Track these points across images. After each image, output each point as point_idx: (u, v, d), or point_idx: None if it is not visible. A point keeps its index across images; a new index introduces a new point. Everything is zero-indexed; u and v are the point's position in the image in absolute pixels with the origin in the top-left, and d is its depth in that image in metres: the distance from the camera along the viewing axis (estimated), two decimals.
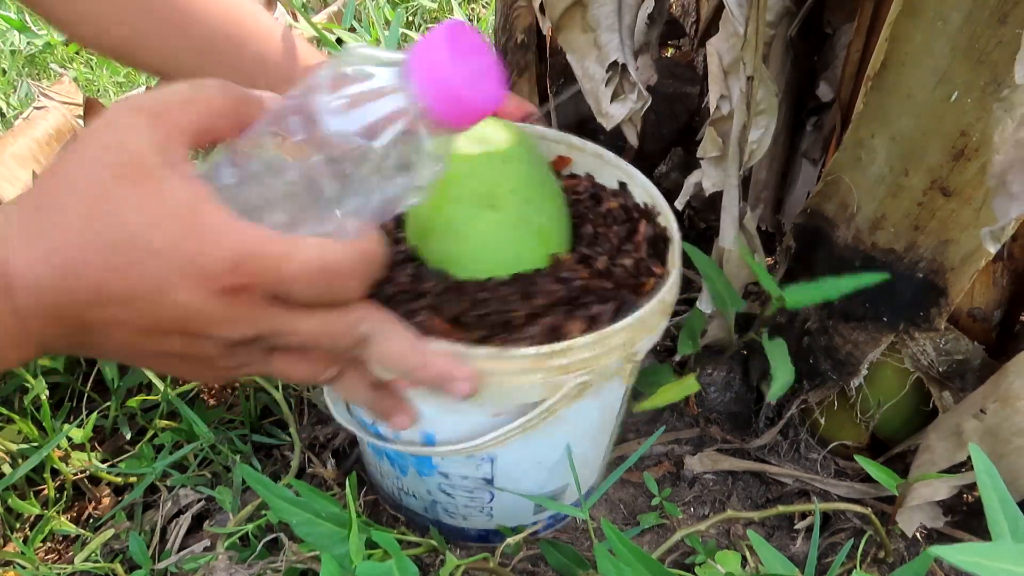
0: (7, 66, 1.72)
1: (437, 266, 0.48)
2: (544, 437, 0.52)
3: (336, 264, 0.34)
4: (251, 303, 0.33)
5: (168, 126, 0.32)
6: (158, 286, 0.31)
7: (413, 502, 0.61)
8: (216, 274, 0.31)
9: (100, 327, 0.32)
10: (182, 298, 0.31)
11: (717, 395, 0.75)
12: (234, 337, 0.34)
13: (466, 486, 0.56)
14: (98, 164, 0.31)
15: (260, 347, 0.36)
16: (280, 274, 0.32)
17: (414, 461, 0.55)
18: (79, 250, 0.30)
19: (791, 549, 0.65)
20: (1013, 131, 0.48)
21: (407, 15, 1.82)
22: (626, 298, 0.48)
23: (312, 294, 0.34)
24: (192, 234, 0.31)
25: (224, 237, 0.31)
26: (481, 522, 0.61)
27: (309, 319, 0.35)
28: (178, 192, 0.31)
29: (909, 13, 0.49)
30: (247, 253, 0.31)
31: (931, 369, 0.61)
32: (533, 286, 0.47)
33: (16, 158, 0.89)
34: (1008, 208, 0.50)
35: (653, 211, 0.55)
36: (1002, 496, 0.34)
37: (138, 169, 0.31)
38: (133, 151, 0.31)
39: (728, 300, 0.60)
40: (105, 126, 0.32)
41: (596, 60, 0.67)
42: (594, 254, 0.50)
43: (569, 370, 0.44)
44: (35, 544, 0.63)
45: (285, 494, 0.49)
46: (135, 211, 0.30)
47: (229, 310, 0.32)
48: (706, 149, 0.64)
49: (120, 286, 0.31)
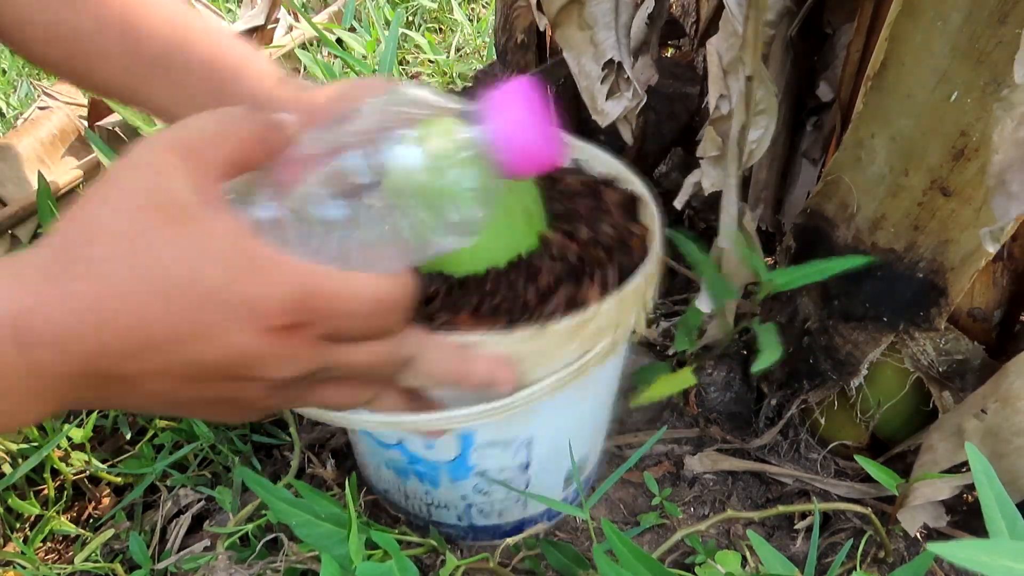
0: (7, 66, 1.72)
1: (432, 270, 0.49)
2: (576, 400, 0.54)
3: (388, 297, 0.33)
4: (304, 341, 0.32)
5: (202, 164, 0.31)
6: (207, 329, 0.30)
7: (445, 514, 0.61)
8: (271, 313, 0.30)
9: (134, 378, 0.30)
10: (233, 339, 0.30)
11: (717, 395, 0.75)
12: (284, 376, 0.33)
13: (503, 478, 0.57)
14: (131, 208, 0.29)
15: (307, 382, 0.35)
16: (336, 310, 0.32)
17: (449, 468, 0.55)
18: (116, 300, 0.29)
19: (791, 549, 0.65)
20: (1012, 131, 0.48)
21: (407, 15, 1.82)
22: (621, 258, 0.50)
23: (364, 327, 0.34)
24: (243, 273, 0.30)
25: (277, 274, 0.30)
26: (516, 513, 0.62)
27: (359, 351, 0.35)
28: (222, 231, 0.30)
29: (909, 13, 0.49)
30: (302, 290, 0.31)
31: (931, 369, 0.61)
32: (533, 268, 0.49)
33: (21, 159, 0.89)
34: (1007, 208, 0.50)
35: (612, 178, 0.58)
36: (999, 496, 0.34)
37: (177, 211, 0.30)
38: (169, 192, 0.30)
39: (719, 288, 0.61)
40: (134, 167, 0.31)
41: (592, 58, 0.68)
42: (573, 228, 0.53)
43: (599, 333, 0.46)
44: (35, 544, 0.63)
45: (285, 495, 0.49)
46: (178, 255, 0.29)
47: (281, 349, 0.31)
48: (705, 149, 0.64)
49: (164, 334, 0.29)
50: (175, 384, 0.31)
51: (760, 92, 0.57)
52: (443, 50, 1.62)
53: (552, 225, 0.53)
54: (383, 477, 0.61)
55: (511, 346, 0.44)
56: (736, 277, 0.66)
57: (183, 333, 0.29)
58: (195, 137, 0.32)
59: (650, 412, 0.76)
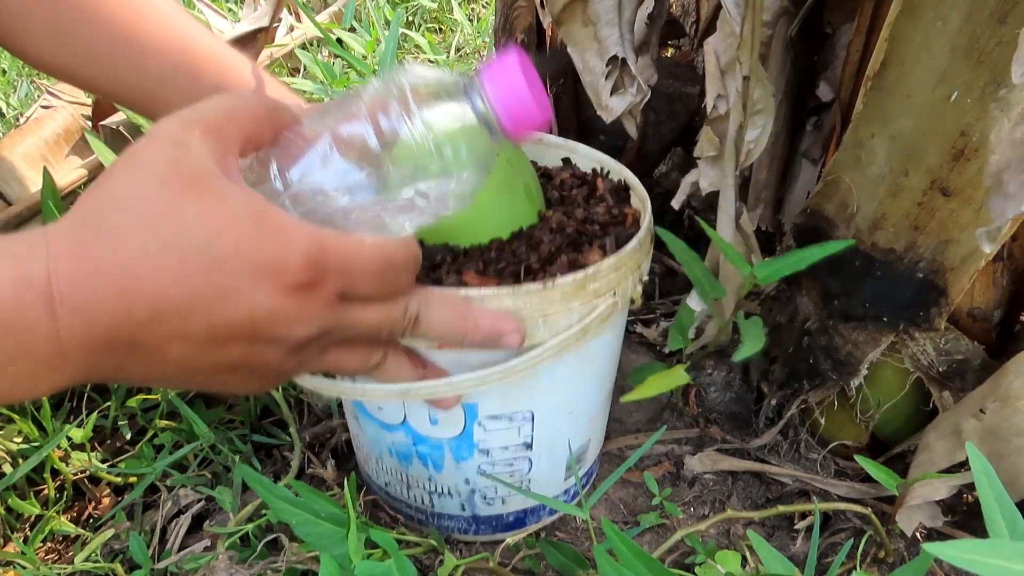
0: (7, 66, 1.72)
1: (438, 242, 0.50)
2: (575, 373, 0.55)
3: (396, 257, 0.35)
4: (321, 298, 0.33)
5: (220, 138, 0.33)
6: (229, 290, 0.31)
7: (448, 502, 0.61)
8: (290, 270, 0.31)
9: (155, 345, 0.31)
10: (254, 299, 0.31)
11: (717, 395, 0.75)
12: (301, 336, 0.34)
13: (506, 458, 0.57)
14: (154, 178, 0.31)
15: (320, 344, 0.36)
16: (350, 267, 0.33)
17: (453, 446, 0.56)
18: (140, 266, 0.30)
19: (791, 549, 0.65)
20: (1009, 131, 0.48)
21: (407, 15, 1.82)
22: (617, 231, 0.53)
23: (375, 286, 0.36)
24: (262, 235, 0.31)
25: (294, 235, 0.32)
26: (519, 501, 0.62)
27: (369, 310, 0.36)
28: (242, 198, 0.32)
29: (909, 13, 0.49)
30: (318, 249, 0.32)
31: (931, 369, 0.61)
32: (534, 239, 0.51)
33: (25, 158, 0.89)
34: (1004, 208, 0.50)
35: (603, 171, 0.61)
36: (999, 496, 0.34)
37: (198, 180, 0.31)
38: (190, 164, 0.31)
39: (706, 285, 0.61)
40: (156, 141, 0.32)
41: (596, 54, 0.68)
42: (569, 210, 0.55)
43: (600, 293, 0.48)
44: (35, 544, 0.63)
45: (285, 494, 0.49)
46: (200, 220, 0.30)
47: (300, 307, 0.32)
48: (703, 149, 0.64)
49: (189, 295, 0.30)
50: (196, 349, 0.32)
51: (757, 92, 0.58)
52: (443, 50, 1.62)
53: (550, 208, 0.56)
54: (385, 467, 0.62)
55: (517, 300, 0.45)
56: (733, 277, 0.66)
57: (207, 294, 0.30)
58: (211, 115, 0.34)
59: (650, 412, 0.76)
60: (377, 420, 0.57)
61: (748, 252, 0.63)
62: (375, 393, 0.49)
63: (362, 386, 0.48)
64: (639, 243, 0.50)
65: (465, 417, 0.54)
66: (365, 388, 0.48)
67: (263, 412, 0.75)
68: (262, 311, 0.32)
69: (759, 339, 0.57)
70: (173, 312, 0.30)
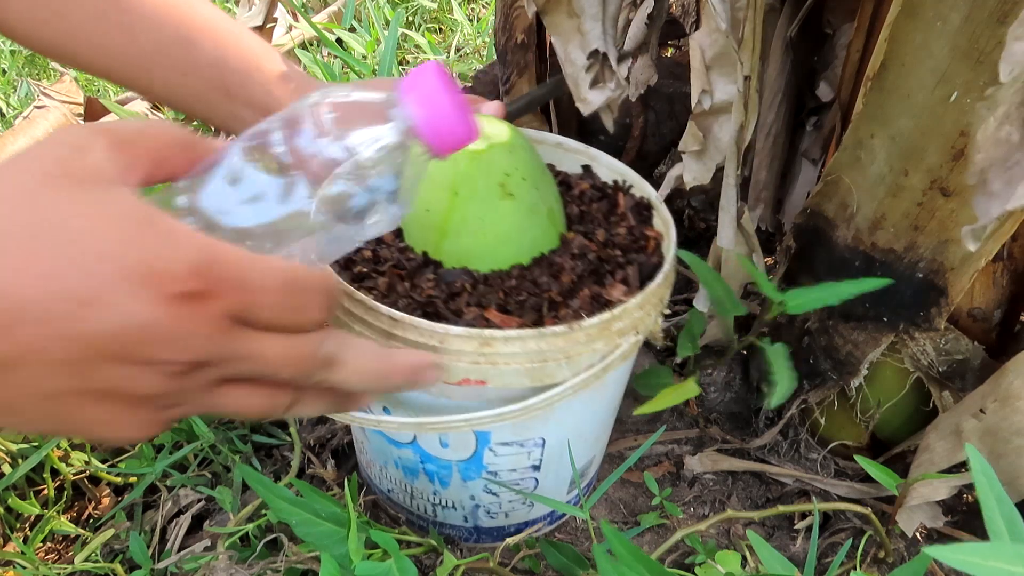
0: (7, 66, 1.72)
1: (456, 266, 0.50)
2: (590, 403, 0.55)
3: (305, 281, 0.31)
4: (208, 315, 0.28)
5: (128, 152, 0.30)
6: (99, 293, 0.26)
7: (452, 514, 0.61)
8: (171, 277, 0.26)
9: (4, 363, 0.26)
10: (127, 307, 0.26)
11: (717, 395, 0.75)
12: (182, 360, 0.28)
13: (513, 479, 0.57)
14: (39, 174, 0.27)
15: (209, 377, 0.30)
16: (247, 284, 0.28)
17: (461, 467, 0.55)
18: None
19: (791, 549, 0.65)
20: (994, 129, 0.48)
21: (407, 15, 1.82)
22: (639, 259, 0.52)
23: (278, 310, 0.30)
24: (146, 238, 0.27)
25: (184, 241, 0.27)
26: (522, 515, 0.62)
27: (272, 341, 0.31)
28: (131, 203, 0.27)
29: (909, 13, 0.49)
30: (210, 257, 0.27)
31: (931, 369, 0.61)
32: (555, 266, 0.50)
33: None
34: (989, 207, 0.50)
35: (624, 185, 0.61)
36: (999, 496, 0.34)
37: (88, 181, 0.27)
38: (87, 165, 0.28)
39: (728, 305, 0.60)
40: (55, 142, 0.28)
41: (579, 46, 0.68)
42: (590, 230, 0.55)
43: (624, 332, 0.48)
44: (35, 544, 0.63)
45: (285, 494, 0.49)
46: (78, 218, 0.26)
47: (181, 323, 0.27)
48: (687, 143, 0.64)
49: (45, 297, 0.25)
50: (53, 371, 0.26)
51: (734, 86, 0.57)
52: (443, 50, 1.62)
53: (570, 227, 0.55)
54: (389, 476, 0.61)
55: (542, 343, 0.44)
56: (735, 277, 0.66)
57: (73, 297, 0.25)
58: (122, 128, 0.30)
59: (650, 412, 0.76)
60: (385, 435, 0.56)
61: (749, 251, 0.63)
62: (389, 425, 0.48)
63: (376, 417, 0.48)
64: (664, 278, 0.50)
65: (477, 443, 0.53)
66: (380, 420, 0.48)
67: None
68: (134, 324, 0.26)
69: (790, 376, 0.56)
70: (28, 316, 0.25)
